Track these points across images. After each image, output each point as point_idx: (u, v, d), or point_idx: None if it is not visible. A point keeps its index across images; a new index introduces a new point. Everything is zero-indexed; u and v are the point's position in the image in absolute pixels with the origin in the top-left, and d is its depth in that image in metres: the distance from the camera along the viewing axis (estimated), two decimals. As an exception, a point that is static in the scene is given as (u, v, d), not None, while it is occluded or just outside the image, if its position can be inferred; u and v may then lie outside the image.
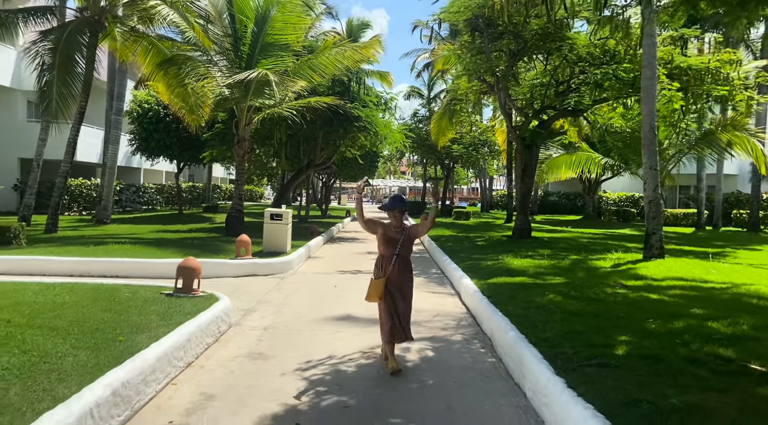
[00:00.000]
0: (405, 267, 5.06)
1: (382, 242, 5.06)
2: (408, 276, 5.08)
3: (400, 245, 4.98)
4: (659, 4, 9.46)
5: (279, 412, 4.08)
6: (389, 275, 4.95)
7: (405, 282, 5.04)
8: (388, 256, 5.00)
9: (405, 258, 5.06)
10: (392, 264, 4.96)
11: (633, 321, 5.58)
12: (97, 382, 3.69)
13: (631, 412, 3.32)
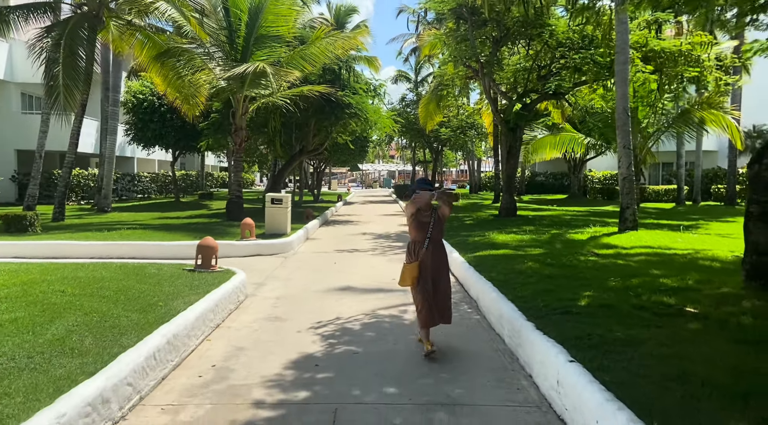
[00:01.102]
0: (438, 250, 5.02)
1: (413, 226, 5.01)
2: (442, 259, 5.05)
3: (431, 229, 4.93)
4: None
5: (300, 358, 4.93)
6: (422, 259, 4.90)
7: (440, 265, 5.01)
8: (421, 240, 4.95)
9: (437, 241, 5.02)
10: (425, 248, 4.92)
11: (598, 281, 6.49)
12: (155, 333, 4.54)
13: (583, 342, 4.21)
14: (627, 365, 3.76)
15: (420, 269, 4.90)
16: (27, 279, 6.36)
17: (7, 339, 4.28)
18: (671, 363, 3.75)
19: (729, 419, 2.89)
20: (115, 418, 3.61)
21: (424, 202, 4.90)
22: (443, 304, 4.97)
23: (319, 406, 3.91)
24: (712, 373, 3.53)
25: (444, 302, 4.98)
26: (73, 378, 3.57)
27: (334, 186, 61.92)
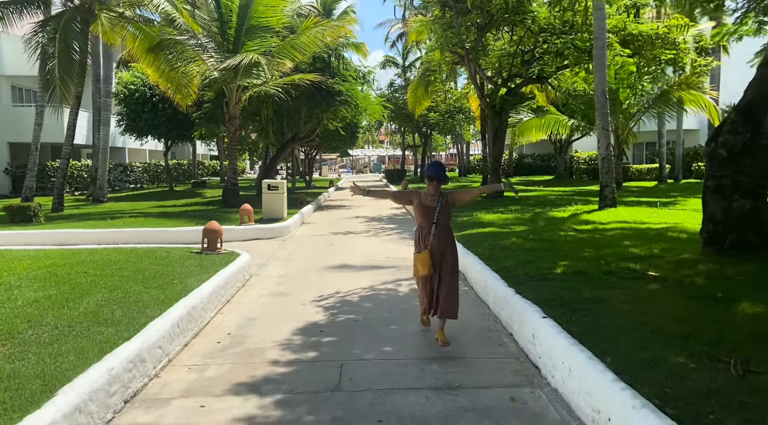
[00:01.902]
0: (446, 236, 4.82)
1: (418, 212, 4.86)
2: (450, 245, 4.85)
3: (437, 214, 4.74)
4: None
5: (305, 326, 5.50)
6: (431, 247, 4.74)
7: (447, 252, 4.80)
8: (427, 226, 4.77)
9: (444, 227, 4.83)
10: (432, 234, 4.73)
11: (574, 252, 7.11)
12: (177, 305, 5.09)
13: (555, 302, 4.81)
14: (591, 319, 4.37)
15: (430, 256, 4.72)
16: (49, 263, 6.87)
17: (47, 312, 4.81)
18: (629, 316, 4.36)
19: (667, 354, 3.50)
20: (150, 375, 4.17)
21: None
22: (448, 293, 4.73)
23: (327, 362, 4.49)
24: (662, 322, 4.15)
25: (451, 299, 4.73)
26: (113, 342, 4.12)
27: (325, 172, 62.23)
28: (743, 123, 5.91)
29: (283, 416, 3.55)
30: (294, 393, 3.89)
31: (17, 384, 3.31)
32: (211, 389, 4.01)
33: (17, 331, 4.30)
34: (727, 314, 4.25)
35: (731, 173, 5.90)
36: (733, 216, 5.91)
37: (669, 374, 3.24)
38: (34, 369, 3.55)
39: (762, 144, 5.83)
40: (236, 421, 3.49)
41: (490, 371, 4.25)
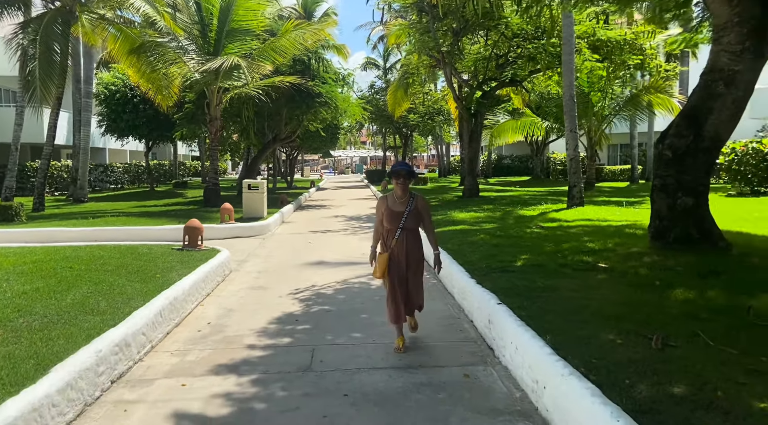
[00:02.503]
0: (412, 241, 4.64)
1: (386, 216, 4.62)
2: (416, 251, 4.67)
3: (405, 218, 4.54)
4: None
5: (282, 316, 5.86)
6: (392, 250, 4.59)
7: (413, 258, 4.64)
8: (393, 229, 4.58)
9: (412, 230, 4.63)
10: (396, 238, 4.56)
11: (535, 247, 7.57)
12: (160, 296, 5.42)
13: (511, 291, 5.25)
14: (541, 304, 4.81)
15: (390, 260, 4.59)
16: (35, 259, 7.12)
17: (36, 302, 5.11)
18: (574, 302, 4.82)
19: (600, 332, 3.95)
20: (134, 359, 4.51)
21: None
22: (415, 299, 4.72)
23: (300, 347, 4.86)
24: (602, 307, 4.61)
25: (416, 297, 4.73)
26: (99, 329, 4.44)
27: (307, 173, 62.39)
28: (687, 127, 6.42)
29: (258, 392, 3.92)
30: (269, 374, 4.25)
31: (12, 363, 3.63)
32: (191, 370, 4.37)
33: (8, 319, 4.60)
34: (660, 299, 4.72)
35: (675, 172, 6.41)
36: (677, 213, 6.41)
37: (599, 348, 3.69)
38: (27, 351, 3.87)
39: (703, 146, 6.34)
40: (215, 397, 3.85)
41: (449, 353, 4.66)
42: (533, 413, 3.49)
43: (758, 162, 17.18)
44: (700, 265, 5.61)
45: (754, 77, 6.33)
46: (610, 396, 2.91)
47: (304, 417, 3.51)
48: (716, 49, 6.44)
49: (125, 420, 3.54)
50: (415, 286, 4.73)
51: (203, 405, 3.72)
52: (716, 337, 3.72)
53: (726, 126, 6.38)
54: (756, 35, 6.21)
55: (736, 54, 6.25)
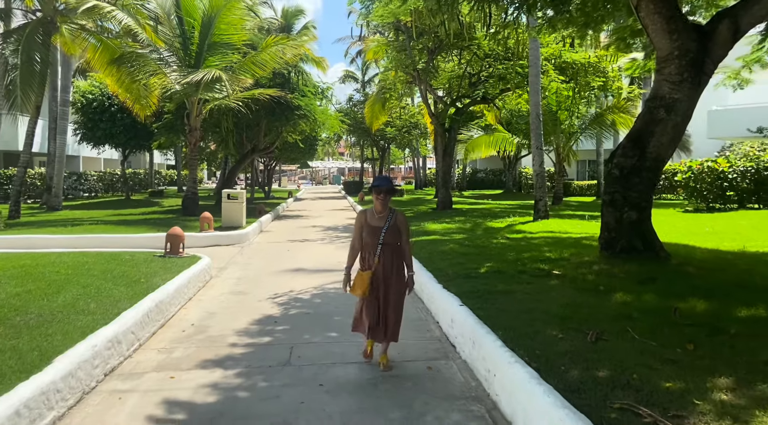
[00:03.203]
0: (393, 258, 4.52)
1: (365, 231, 4.53)
2: (397, 268, 4.55)
3: (383, 233, 4.44)
4: (536, 20, 12.00)
5: (261, 318, 6.29)
6: (375, 269, 4.45)
7: (391, 275, 4.51)
8: (372, 245, 4.47)
9: (392, 246, 4.51)
10: (377, 255, 4.45)
11: (499, 256, 8.15)
12: (146, 298, 5.81)
13: (473, 294, 5.78)
14: (498, 306, 5.35)
15: (372, 278, 4.45)
16: (21, 264, 7.40)
17: (30, 303, 5.45)
18: (527, 304, 5.37)
19: (546, 329, 4.50)
20: (125, 355, 4.89)
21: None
22: (393, 318, 4.52)
23: (280, 345, 5.30)
24: (550, 308, 5.16)
25: (394, 317, 4.53)
26: (92, 327, 4.82)
27: (285, 183, 62.53)
28: (632, 148, 7.08)
29: (242, 383, 4.35)
30: (251, 368, 4.68)
31: (19, 354, 4.00)
32: (179, 365, 4.77)
33: (7, 318, 4.94)
34: (601, 302, 5.31)
35: (622, 189, 7.06)
36: (624, 225, 7.05)
37: (542, 342, 4.23)
38: (30, 345, 4.24)
39: (647, 165, 7.01)
40: (202, 387, 4.27)
41: (416, 349, 5.15)
42: (485, 398, 4.00)
43: (713, 180, 18.15)
44: (641, 273, 6.24)
45: (691, 105, 7.04)
46: (546, 379, 3.44)
47: (284, 404, 3.95)
48: (659, 79, 7.15)
49: (121, 406, 3.93)
50: (399, 311, 4.55)
51: (191, 394, 4.14)
52: (642, 333, 4.30)
53: (666, 148, 7.07)
54: (693, 67, 6.93)
55: (676, 83, 6.95)
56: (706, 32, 6.97)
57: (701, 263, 7.03)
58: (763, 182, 17.97)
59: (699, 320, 4.64)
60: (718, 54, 6.99)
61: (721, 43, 6.88)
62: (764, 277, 6.27)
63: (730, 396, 3.11)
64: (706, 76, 7.04)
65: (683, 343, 4.05)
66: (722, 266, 7.01)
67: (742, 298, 5.25)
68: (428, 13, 11.40)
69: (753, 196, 18.25)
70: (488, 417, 3.69)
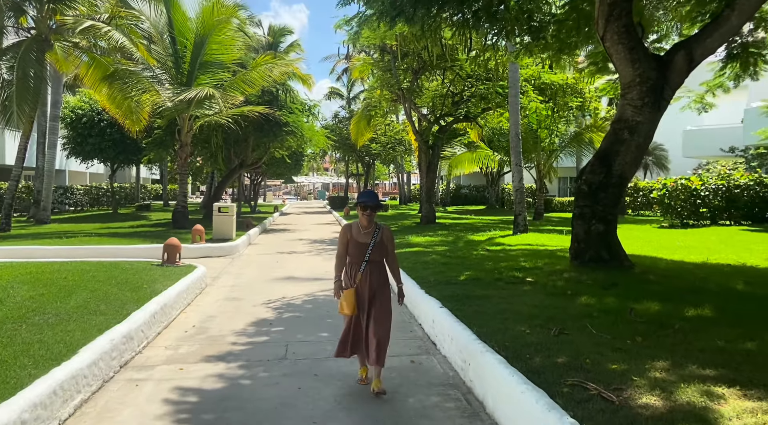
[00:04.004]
0: (378, 275, 4.41)
1: (350, 247, 4.40)
2: (382, 284, 4.44)
3: (370, 250, 4.33)
4: (515, 45, 12.76)
5: (257, 321, 6.78)
6: (358, 285, 4.35)
7: (377, 292, 4.39)
8: (357, 263, 4.36)
9: (377, 264, 4.41)
10: (361, 272, 4.34)
11: (478, 265, 8.74)
12: (152, 302, 6.28)
13: (453, 298, 6.34)
14: (475, 308, 5.92)
15: (357, 295, 4.34)
16: (28, 271, 7.81)
17: (45, 305, 5.89)
18: (501, 306, 5.95)
19: (516, 326, 5.07)
20: (136, 350, 5.36)
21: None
22: (379, 334, 4.31)
23: (276, 343, 5.80)
24: (521, 309, 5.75)
25: (381, 335, 4.33)
26: (106, 326, 5.28)
27: (270, 198, 62.75)
28: (599, 166, 7.76)
29: (244, 374, 4.84)
30: (251, 362, 5.18)
31: (47, 346, 4.47)
32: (186, 359, 5.25)
33: (27, 317, 5.39)
34: (567, 304, 5.91)
35: (590, 203, 7.72)
36: (592, 237, 7.69)
37: (512, 336, 4.80)
38: (54, 339, 4.70)
39: (612, 182, 7.68)
40: (209, 377, 4.75)
41: (401, 346, 5.68)
42: (461, 384, 4.55)
43: (686, 197, 19.02)
44: (605, 279, 6.87)
45: (652, 127, 7.75)
46: (513, 364, 3.99)
47: (284, 389, 4.46)
48: (623, 103, 7.86)
49: (138, 391, 4.41)
50: (380, 321, 4.36)
51: (200, 383, 4.62)
52: (600, 329, 4.89)
53: (630, 166, 7.76)
54: (654, 93, 7.66)
55: (638, 108, 7.67)
56: (665, 62, 7.71)
57: (662, 272, 7.69)
58: (734, 199, 18.91)
59: (651, 318, 5.25)
60: (675, 81, 7.74)
61: (678, 72, 7.63)
62: (717, 284, 6.93)
63: (663, 374, 3.70)
64: (665, 102, 7.77)
65: (633, 336, 4.65)
66: (681, 274, 7.68)
67: (692, 301, 5.89)
68: (413, 38, 12.10)
69: (724, 213, 19.18)
70: (463, 399, 4.23)
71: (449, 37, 13.11)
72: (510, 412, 3.62)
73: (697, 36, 7.64)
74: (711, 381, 3.52)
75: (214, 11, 16.59)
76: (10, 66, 14.99)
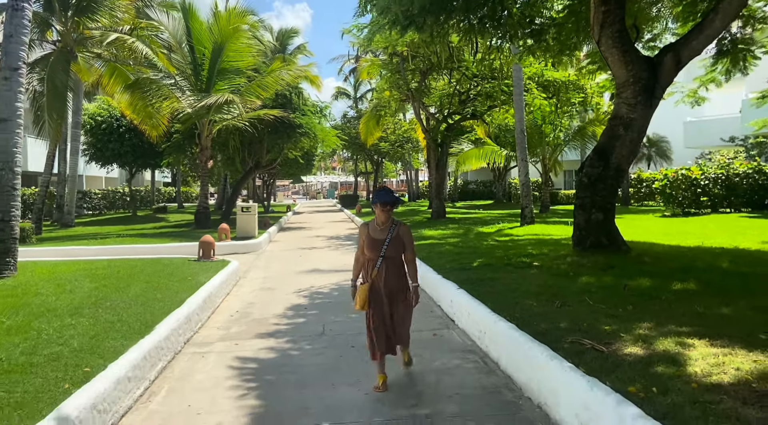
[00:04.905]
0: (395, 271, 4.42)
1: (366, 244, 4.44)
2: (401, 282, 4.44)
3: (386, 246, 4.36)
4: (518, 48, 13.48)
5: (292, 306, 7.58)
6: (373, 281, 4.39)
7: (396, 289, 4.42)
8: (373, 259, 4.39)
9: (394, 260, 4.42)
10: (376, 268, 4.37)
11: (489, 253, 9.51)
12: (201, 289, 7.11)
13: (468, 281, 7.11)
14: (488, 288, 6.69)
15: (371, 291, 4.39)
16: (83, 267, 8.66)
17: (110, 293, 6.73)
18: (511, 286, 6.71)
19: (524, 301, 5.84)
20: (194, 330, 6.18)
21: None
22: (400, 330, 4.48)
23: (313, 323, 6.60)
24: (529, 288, 6.51)
25: (401, 328, 4.48)
26: (167, 310, 6.09)
27: (280, 198, 63.70)
28: (598, 159, 8.49)
29: (291, 347, 5.64)
30: (295, 337, 5.98)
31: (128, 323, 5.30)
32: (238, 337, 6.06)
33: (99, 303, 6.22)
34: (569, 283, 6.66)
35: (590, 194, 8.45)
36: (592, 225, 8.42)
37: (521, 309, 5.56)
38: (131, 318, 5.53)
39: (609, 174, 8.41)
40: (261, 349, 5.56)
41: (423, 323, 6.46)
42: (478, 350, 5.32)
43: (687, 187, 19.65)
44: (604, 262, 7.60)
45: (645, 123, 8.46)
46: (522, 329, 4.76)
47: (328, 357, 5.25)
48: (618, 101, 8.58)
49: (205, 360, 5.22)
50: (402, 318, 4.47)
51: (255, 354, 5.43)
52: (597, 301, 5.65)
53: (626, 159, 8.49)
54: (646, 92, 8.36)
55: (632, 105, 8.38)
56: (655, 63, 8.42)
57: (657, 255, 8.42)
58: (733, 187, 19.53)
59: (642, 292, 6.00)
60: (665, 81, 8.44)
61: (667, 72, 8.33)
62: (705, 263, 7.66)
63: (646, 332, 4.46)
64: (656, 99, 8.47)
65: (625, 306, 5.40)
66: (674, 256, 8.40)
67: (680, 277, 6.63)
68: (422, 43, 12.84)
69: (725, 201, 19.81)
70: (480, 361, 5.01)
71: (456, 41, 13.84)
72: (520, 365, 4.40)
73: (684, 39, 8.34)
74: (685, 336, 4.28)
75: (230, 20, 17.41)
76: (40, 78, 15.89)
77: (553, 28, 11.31)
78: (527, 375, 4.23)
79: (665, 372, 3.54)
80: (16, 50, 8.16)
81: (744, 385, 3.25)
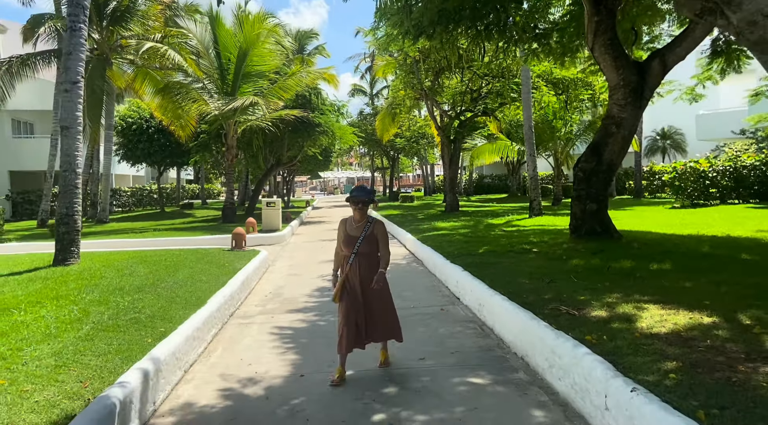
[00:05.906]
0: (367, 267, 4.47)
1: (342, 241, 4.55)
2: (371, 277, 4.44)
3: (359, 243, 4.42)
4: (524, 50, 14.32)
5: (318, 288, 8.61)
6: (347, 276, 4.48)
7: (368, 284, 4.44)
8: (347, 255, 4.49)
9: (367, 256, 4.48)
10: (349, 263, 4.46)
11: (495, 241, 10.44)
12: (238, 274, 8.19)
13: (473, 265, 8.06)
14: (490, 271, 7.64)
15: (344, 286, 4.48)
16: (131, 256, 9.81)
17: (163, 277, 7.84)
18: (509, 268, 7.66)
19: (519, 279, 6.79)
20: (237, 306, 7.25)
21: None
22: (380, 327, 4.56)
23: (336, 301, 7.61)
24: (525, 269, 7.45)
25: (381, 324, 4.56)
26: (213, 289, 7.16)
27: (299, 193, 65.05)
28: (592, 155, 9.36)
29: (320, 318, 6.67)
30: (322, 312, 7.00)
31: (185, 299, 6.38)
32: (273, 312, 7.11)
33: (156, 284, 7.32)
34: (561, 265, 7.58)
35: (585, 187, 9.32)
36: (587, 214, 9.30)
37: (515, 286, 6.51)
38: (186, 295, 6.61)
39: (602, 169, 9.28)
40: (295, 321, 6.59)
41: (432, 301, 7.44)
42: (477, 320, 6.29)
43: (695, 179, 20.22)
44: (595, 247, 8.50)
45: (635, 122, 9.31)
46: (512, 300, 5.71)
47: (350, 326, 6.26)
48: (610, 103, 9.43)
49: (249, 329, 6.27)
50: (382, 312, 4.54)
51: (290, 324, 6.46)
52: (580, 279, 6.57)
53: (617, 155, 9.34)
54: (635, 94, 9.20)
55: (623, 106, 9.23)
56: (643, 67, 9.25)
57: (645, 241, 9.27)
58: (741, 179, 20.07)
59: (622, 271, 6.90)
60: (653, 83, 9.27)
61: (655, 76, 9.16)
62: (687, 248, 8.50)
63: (613, 300, 5.39)
64: (645, 100, 9.31)
65: (604, 282, 6.32)
66: (662, 242, 9.25)
67: (659, 259, 7.50)
68: (433, 49, 13.74)
69: (733, 192, 20.35)
70: (479, 328, 5.98)
71: (465, 45, 14.72)
72: (509, 328, 5.36)
73: (669, 46, 9.15)
74: (644, 303, 5.20)
75: (254, 26, 18.50)
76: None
77: (556, 32, 12.15)
78: (514, 335, 5.20)
79: (618, 327, 4.49)
80: (75, 66, 9.31)
81: (675, 334, 4.18)
